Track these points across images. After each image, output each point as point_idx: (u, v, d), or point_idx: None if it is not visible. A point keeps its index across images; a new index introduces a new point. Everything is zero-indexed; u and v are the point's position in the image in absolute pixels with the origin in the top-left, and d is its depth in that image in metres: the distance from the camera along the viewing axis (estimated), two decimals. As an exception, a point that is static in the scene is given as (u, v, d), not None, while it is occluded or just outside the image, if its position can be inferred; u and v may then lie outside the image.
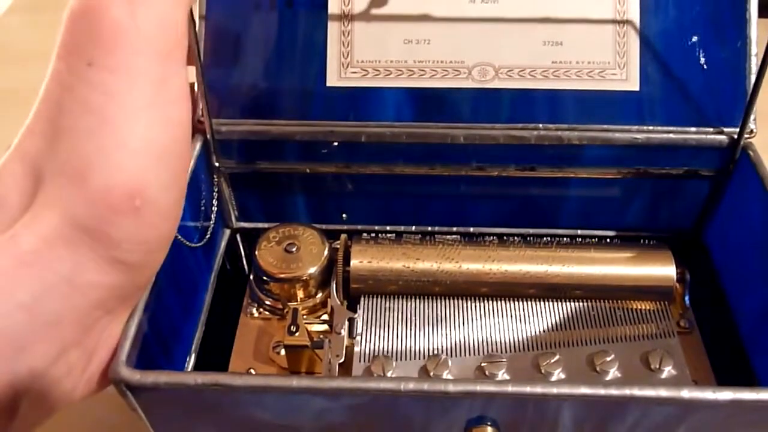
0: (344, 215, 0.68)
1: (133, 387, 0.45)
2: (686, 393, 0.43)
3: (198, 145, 0.61)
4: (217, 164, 0.63)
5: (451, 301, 0.59)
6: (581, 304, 0.59)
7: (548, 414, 0.46)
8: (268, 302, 0.62)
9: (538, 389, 0.44)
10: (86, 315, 0.41)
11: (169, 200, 0.43)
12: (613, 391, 0.44)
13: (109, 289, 0.41)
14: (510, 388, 0.44)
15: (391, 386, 0.43)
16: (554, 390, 0.44)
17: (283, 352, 0.57)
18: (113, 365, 0.45)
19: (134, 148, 0.39)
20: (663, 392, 0.44)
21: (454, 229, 0.68)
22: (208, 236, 0.63)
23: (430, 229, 0.68)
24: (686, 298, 0.61)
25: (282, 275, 0.59)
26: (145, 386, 0.45)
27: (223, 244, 0.69)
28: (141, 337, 0.49)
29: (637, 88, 0.60)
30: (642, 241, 0.63)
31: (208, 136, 0.61)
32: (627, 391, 0.44)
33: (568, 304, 0.59)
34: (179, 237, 0.57)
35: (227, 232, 0.70)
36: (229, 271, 0.69)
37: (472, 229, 0.68)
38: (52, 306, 0.38)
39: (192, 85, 0.62)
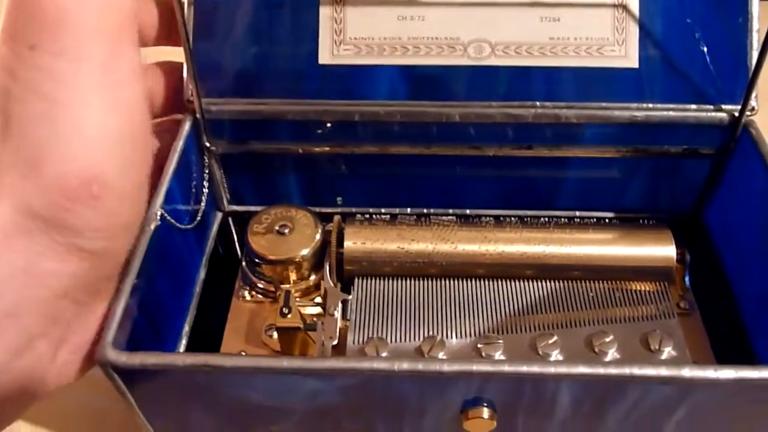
0: (339, 199, 0.67)
1: (120, 369, 0.44)
2: (687, 372, 0.42)
3: (187, 125, 0.60)
4: (207, 144, 0.62)
5: (447, 283, 0.58)
6: (579, 284, 0.58)
7: (546, 395, 0.45)
8: (260, 285, 0.60)
9: (536, 368, 0.43)
10: (49, 305, 0.40)
11: (127, 185, 0.41)
12: (613, 370, 0.43)
13: (72, 278, 0.40)
14: (506, 368, 0.43)
15: (385, 366, 0.42)
16: (552, 369, 0.43)
17: (275, 335, 0.56)
18: (99, 347, 0.44)
19: (87, 133, 0.37)
20: (663, 371, 0.43)
21: (450, 211, 0.67)
22: (199, 218, 0.62)
23: (426, 211, 0.67)
24: (686, 278, 0.60)
25: (274, 257, 0.58)
26: (133, 368, 0.43)
27: (215, 227, 0.68)
28: (129, 319, 0.48)
29: (636, 65, 0.59)
30: (641, 221, 0.62)
31: (198, 115, 0.60)
32: (627, 370, 0.43)
33: (566, 285, 0.58)
34: (169, 218, 0.55)
35: (219, 215, 0.68)
36: (222, 254, 0.68)
37: (468, 211, 0.67)
38: (9, 297, 0.37)
39: (173, 66, 0.61)
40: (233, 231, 0.70)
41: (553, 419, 0.47)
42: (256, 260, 0.59)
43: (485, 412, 0.45)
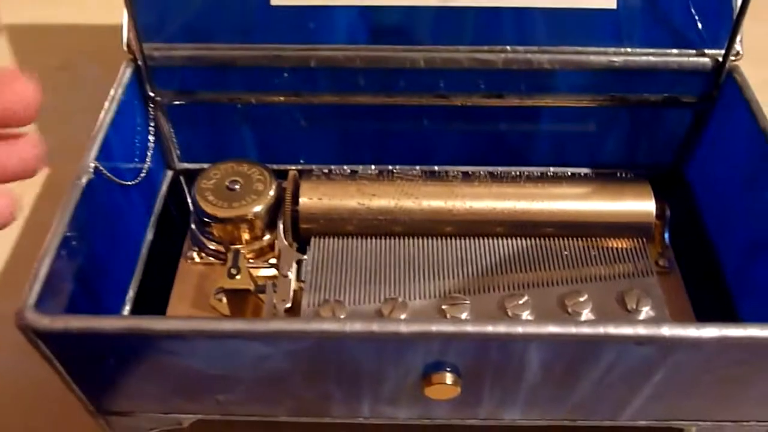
0: (301, 161, 0.63)
1: (42, 334, 0.39)
2: (667, 330, 0.39)
3: (128, 73, 0.55)
4: (152, 94, 0.57)
5: (412, 242, 0.54)
6: (553, 242, 0.54)
7: (514, 357, 0.41)
8: (211, 246, 0.56)
9: (502, 329, 0.39)
10: None
11: None
12: (586, 330, 0.39)
13: None
14: (469, 328, 0.39)
15: (335, 328, 0.38)
16: (519, 329, 0.39)
17: (225, 299, 0.51)
18: (18, 310, 0.39)
19: None
20: (641, 330, 0.39)
21: (417, 168, 0.62)
22: (143, 174, 0.57)
23: (390, 168, 0.62)
24: (666, 235, 0.57)
25: (223, 215, 0.54)
26: (55, 332, 0.39)
27: (165, 185, 0.63)
28: (58, 280, 0.44)
29: (614, 5, 0.54)
30: (619, 174, 0.58)
31: (140, 62, 0.55)
32: (601, 330, 0.39)
33: (538, 242, 0.54)
34: (106, 173, 0.51)
35: (169, 173, 0.64)
36: (174, 214, 0.63)
37: (437, 168, 0.62)
38: None
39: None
40: (185, 189, 0.65)
41: (522, 384, 0.43)
42: (205, 219, 0.54)
43: (448, 378, 0.42)
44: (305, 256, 0.52)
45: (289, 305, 0.49)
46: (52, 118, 0.78)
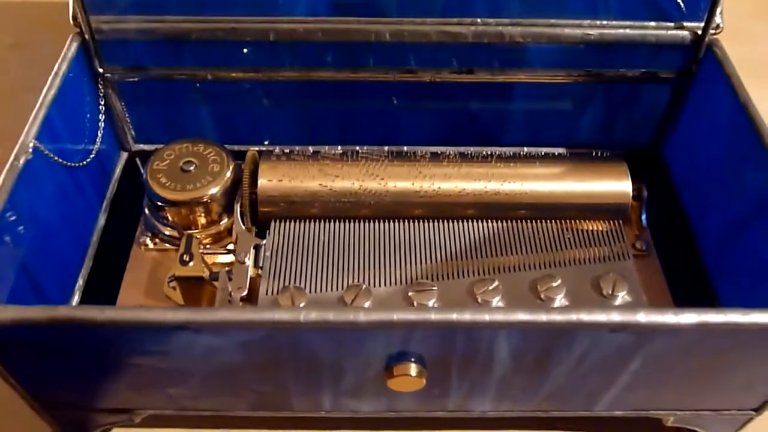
0: (265, 141, 0.60)
1: (-32, 327, 0.36)
2: (643, 317, 0.37)
3: (74, 47, 0.51)
4: (101, 70, 0.54)
5: (377, 225, 0.51)
6: (525, 225, 0.52)
7: (482, 346, 0.39)
8: (166, 232, 0.53)
9: (467, 316, 0.36)
10: None
11: None
12: (557, 317, 0.36)
13: None
14: (433, 317, 0.36)
15: (288, 317, 0.36)
16: (486, 317, 0.36)
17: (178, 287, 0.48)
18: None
19: None
20: (616, 316, 0.37)
21: (385, 148, 0.60)
22: (92, 156, 0.54)
23: (357, 148, 0.59)
24: (643, 217, 0.54)
25: (177, 198, 0.50)
26: (-15, 325, 0.36)
27: (119, 168, 0.60)
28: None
29: (589, -25, 0.52)
30: (595, 154, 0.55)
31: (86, 36, 0.52)
32: (573, 317, 0.36)
33: (510, 225, 0.52)
34: (49, 153, 0.47)
35: (124, 155, 0.60)
36: (130, 198, 0.59)
37: (405, 148, 0.60)
38: None
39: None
40: (142, 171, 0.62)
41: (491, 374, 0.41)
42: (158, 203, 0.51)
43: (413, 369, 0.39)
44: (264, 241, 0.49)
45: (245, 293, 0.47)
46: (2, 98, 0.75)
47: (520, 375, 0.41)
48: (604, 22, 0.52)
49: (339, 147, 0.60)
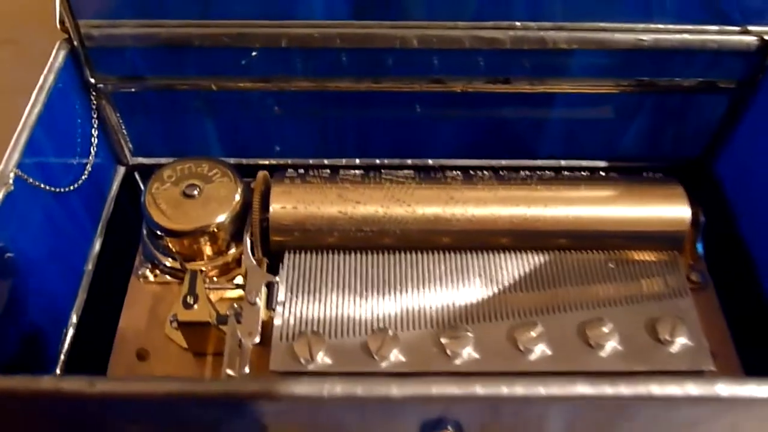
0: (274, 155, 0.54)
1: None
2: (723, 389, 0.31)
3: (62, 56, 0.46)
4: (93, 80, 0.48)
5: (402, 257, 0.46)
6: (567, 256, 0.46)
7: (531, 418, 0.33)
8: (167, 263, 0.48)
9: (519, 390, 0.31)
10: None
11: None
12: (624, 390, 0.31)
13: None
14: (479, 390, 0.31)
15: (309, 392, 0.30)
16: (541, 390, 0.31)
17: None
18: None
19: None
20: (693, 389, 0.31)
21: (409, 161, 0.55)
22: (84, 176, 0.48)
23: (377, 162, 0.54)
24: (699, 245, 0.49)
25: (179, 228, 0.45)
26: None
27: (116, 185, 0.54)
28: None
29: (643, -27, 0.46)
30: (645, 174, 0.49)
31: (76, 43, 0.46)
32: (643, 390, 0.31)
33: (551, 256, 0.46)
34: (36, 182, 0.42)
35: (121, 170, 0.55)
36: (128, 216, 0.54)
37: (431, 162, 0.55)
38: None
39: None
40: (142, 188, 0.56)
41: (538, 443, 0.36)
42: (157, 231, 0.46)
43: (450, 438, 0.34)
44: (276, 278, 0.44)
45: (257, 340, 0.41)
46: (-7, 100, 0.70)
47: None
48: (660, 26, 0.47)
49: (357, 160, 0.54)
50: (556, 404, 0.32)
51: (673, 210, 0.47)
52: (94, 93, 0.49)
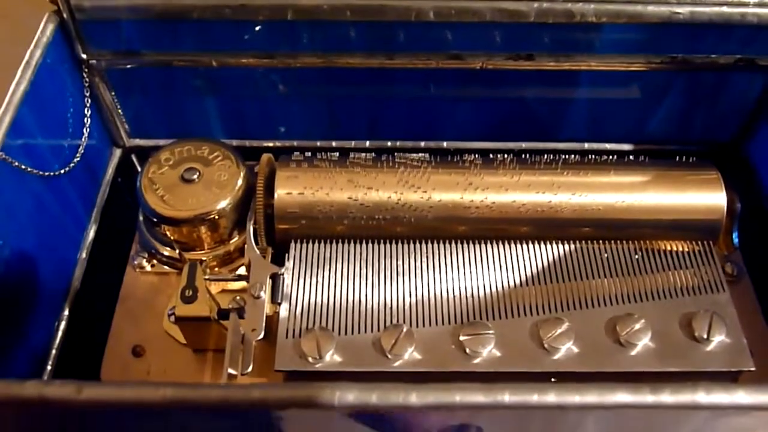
0: (279, 136, 0.51)
1: None
2: (779, 398, 0.28)
3: (50, 29, 0.43)
4: (84, 56, 0.45)
5: (417, 247, 0.43)
6: (595, 246, 0.43)
7: (562, 429, 0.30)
8: (165, 252, 0.44)
9: (551, 398, 0.28)
10: None
11: None
12: (668, 398, 0.28)
13: None
14: (507, 398, 0.28)
15: (317, 398, 0.27)
16: (576, 398, 0.28)
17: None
18: None
19: None
20: (742, 397, 0.28)
21: (422, 144, 0.52)
22: (77, 159, 0.45)
23: (389, 144, 0.51)
24: (734, 234, 0.45)
25: (177, 215, 0.42)
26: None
27: (111, 168, 0.51)
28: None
29: (678, -61, 0.42)
30: (678, 158, 0.46)
31: (65, 15, 0.43)
32: (688, 398, 0.28)
33: (578, 246, 0.43)
34: (22, 166, 0.39)
35: (117, 152, 0.52)
36: (125, 201, 0.51)
37: (446, 144, 0.52)
38: None
39: None
40: (138, 171, 0.53)
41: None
42: (153, 218, 0.42)
43: (473, 447, 0.31)
44: (282, 270, 0.41)
45: (261, 336, 0.38)
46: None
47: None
48: (696, -1, 0.43)
49: (367, 142, 0.51)
50: (592, 413, 0.29)
51: (708, 197, 0.43)
52: (86, 69, 0.46)
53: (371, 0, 0.43)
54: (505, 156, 0.45)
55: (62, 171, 0.44)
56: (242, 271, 0.44)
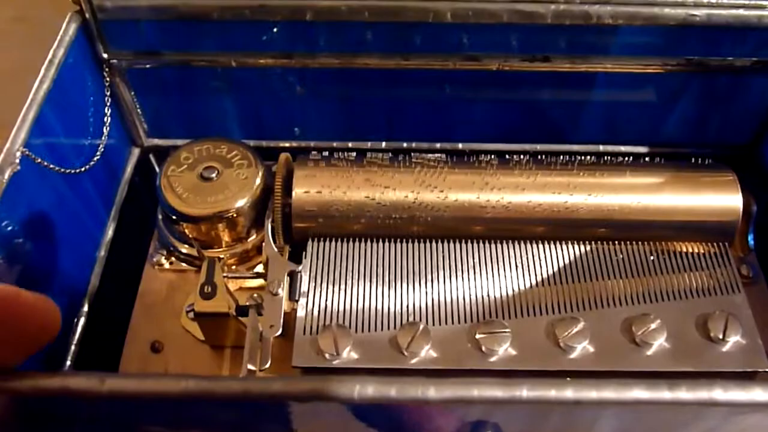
0: (296, 136, 0.51)
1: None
2: (797, 395, 0.28)
3: (72, 29, 0.43)
4: (105, 56, 0.46)
5: (433, 246, 0.43)
6: (610, 247, 0.43)
7: (579, 424, 0.30)
8: (183, 249, 0.45)
9: (569, 394, 0.28)
10: None
11: None
12: (685, 395, 0.28)
13: None
14: (525, 394, 0.28)
15: (338, 392, 0.27)
16: (593, 394, 0.28)
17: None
18: None
19: None
20: (760, 394, 0.28)
21: (438, 145, 0.52)
22: (97, 157, 0.46)
23: (405, 145, 0.51)
24: (750, 237, 0.45)
25: (196, 213, 0.42)
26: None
27: (130, 167, 0.52)
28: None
29: (695, -58, 0.42)
30: (693, 160, 0.46)
31: (88, 15, 0.44)
32: (705, 395, 0.28)
33: (593, 247, 0.43)
34: (45, 163, 0.39)
35: (136, 151, 0.53)
36: (143, 201, 0.52)
37: (461, 146, 0.52)
38: None
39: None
40: (157, 171, 0.54)
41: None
42: (173, 216, 0.43)
43: (490, 443, 0.31)
44: (299, 267, 0.41)
45: (278, 332, 0.39)
46: (3, 80, 0.67)
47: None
48: (713, 1, 0.43)
49: (384, 143, 0.52)
50: (609, 409, 0.29)
51: (724, 199, 0.43)
52: (107, 69, 0.46)
53: (389, 1, 0.43)
54: (521, 157, 0.45)
55: (83, 169, 0.44)
56: (260, 269, 0.44)
